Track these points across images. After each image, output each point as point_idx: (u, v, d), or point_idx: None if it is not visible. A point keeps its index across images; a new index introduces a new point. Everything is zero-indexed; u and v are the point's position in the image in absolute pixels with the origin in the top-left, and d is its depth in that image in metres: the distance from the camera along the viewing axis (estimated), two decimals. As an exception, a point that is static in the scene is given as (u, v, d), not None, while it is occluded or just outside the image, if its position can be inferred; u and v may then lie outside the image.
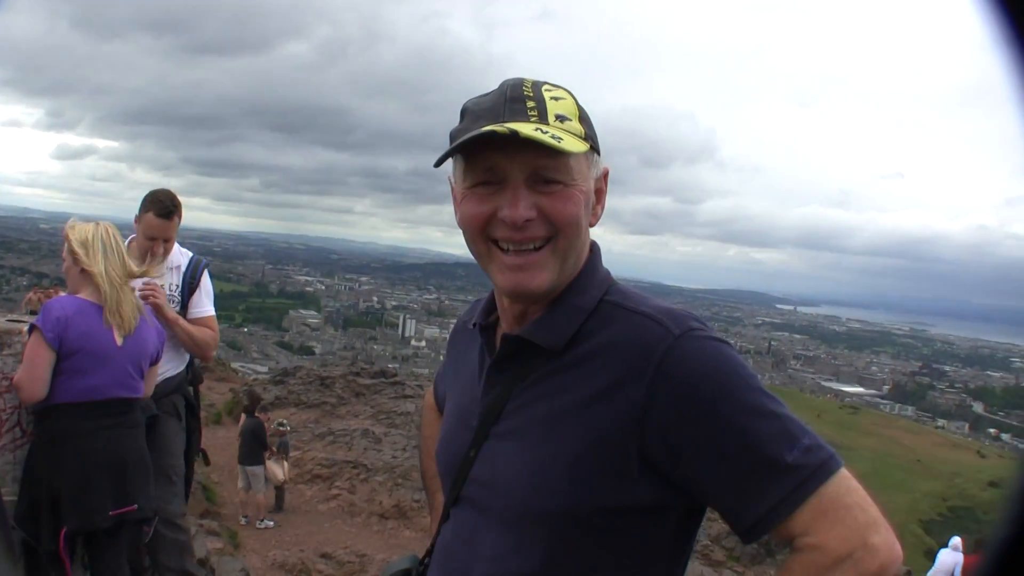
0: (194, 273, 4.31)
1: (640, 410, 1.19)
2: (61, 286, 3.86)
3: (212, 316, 4.38)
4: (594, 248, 1.38)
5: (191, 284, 4.28)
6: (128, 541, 3.57)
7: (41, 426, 3.40)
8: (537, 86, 1.29)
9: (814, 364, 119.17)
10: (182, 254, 4.33)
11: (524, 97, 1.26)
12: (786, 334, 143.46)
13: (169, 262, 4.22)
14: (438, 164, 1.28)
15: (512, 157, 1.23)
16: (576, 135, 1.25)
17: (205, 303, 4.35)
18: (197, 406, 4.55)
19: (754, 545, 9.64)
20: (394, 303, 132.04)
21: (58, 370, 3.28)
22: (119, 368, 3.43)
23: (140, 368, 3.54)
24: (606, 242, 1.39)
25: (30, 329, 3.30)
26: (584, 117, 1.30)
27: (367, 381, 14.36)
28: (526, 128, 1.19)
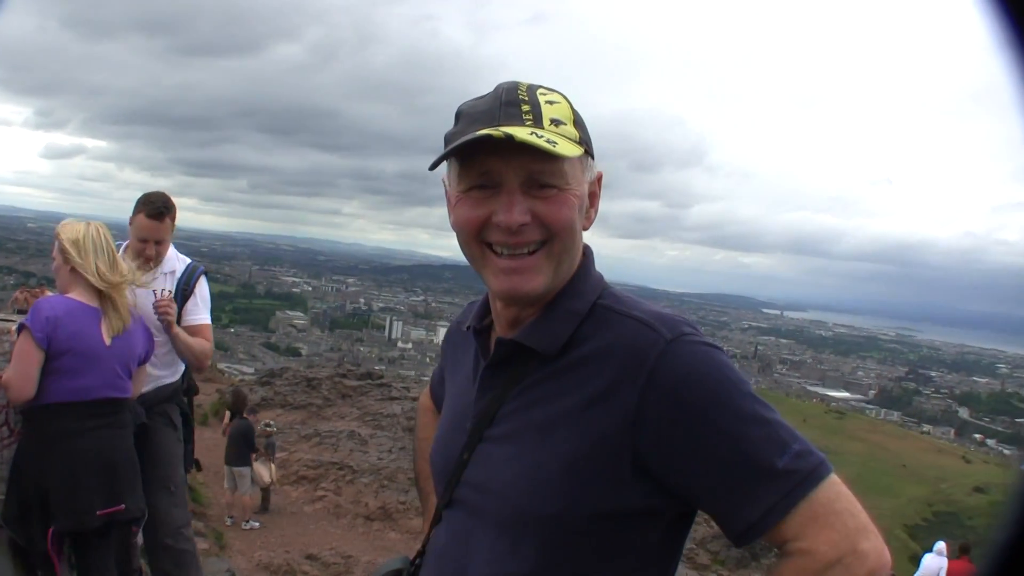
0: (189, 279, 4.14)
1: (633, 415, 1.19)
2: (48, 286, 3.84)
3: (207, 325, 4.21)
4: (587, 252, 1.38)
5: (185, 290, 4.11)
6: (117, 541, 3.55)
7: (30, 426, 3.39)
8: (532, 89, 1.29)
9: (800, 369, 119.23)
10: (179, 259, 4.17)
11: (519, 101, 1.26)
12: (772, 338, 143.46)
13: (163, 266, 4.07)
14: (433, 167, 1.29)
15: (507, 161, 1.23)
16: (571, 139, 1.25)
17: (201, 311, 4.18)
18: (191, 416, 4.46)
19: (739, 549, 9.68)
20: (381, 305, 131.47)
21: (47, 370, 3.26)
22: (108, 369, 3.41)
23: (128, 368, 3.52)
24: (594, 245, 1.40)
25: (19, 328, 3.28)
26: (578, 121, 1.30)
27: (353, 383, 14.35)
28: (521, 132, 1.20)
